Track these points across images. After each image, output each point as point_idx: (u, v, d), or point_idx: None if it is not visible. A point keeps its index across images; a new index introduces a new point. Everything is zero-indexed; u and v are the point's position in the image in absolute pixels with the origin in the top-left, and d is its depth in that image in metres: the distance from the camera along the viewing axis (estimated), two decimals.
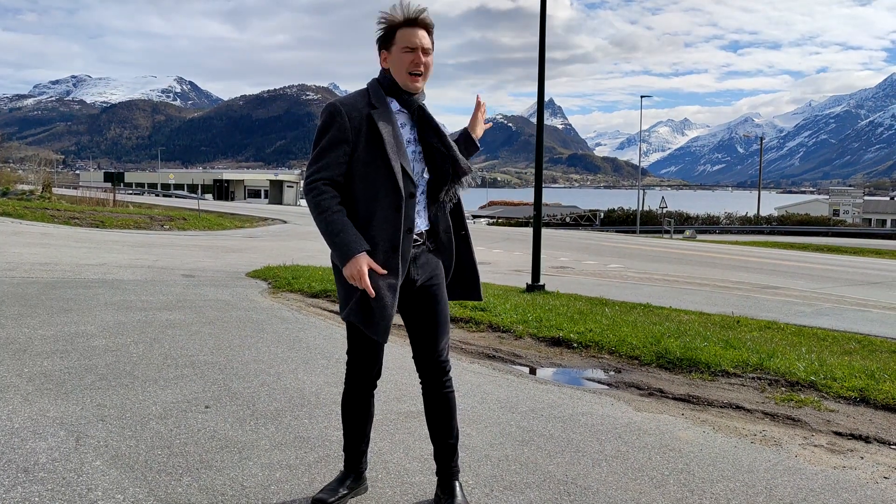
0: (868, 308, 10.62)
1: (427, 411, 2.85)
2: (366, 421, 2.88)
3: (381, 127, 2.59)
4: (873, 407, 4.42)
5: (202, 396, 4.18)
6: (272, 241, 20.88)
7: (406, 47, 2.60)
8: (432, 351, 2.80)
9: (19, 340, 5.36)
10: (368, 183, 2.61)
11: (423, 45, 2.62)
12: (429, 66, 2.67)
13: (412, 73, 2.62)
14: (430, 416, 2.85)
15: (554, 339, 6.15)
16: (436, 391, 2.82)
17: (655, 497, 3.04)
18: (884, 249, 30.20)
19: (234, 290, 8.59)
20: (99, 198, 36.74)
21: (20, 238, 15.47)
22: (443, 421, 2.83)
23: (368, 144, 2.59)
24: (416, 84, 2.65)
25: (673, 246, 27.26)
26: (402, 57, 2.61)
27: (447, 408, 2.83)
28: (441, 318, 2.79)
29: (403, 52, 2.61)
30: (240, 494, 2.89)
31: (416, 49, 2.60)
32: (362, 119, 2.59)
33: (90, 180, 79.16)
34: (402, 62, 2.61)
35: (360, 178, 2.61)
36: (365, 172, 2.60)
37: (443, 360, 2.82)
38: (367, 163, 2.60)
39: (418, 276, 2.74)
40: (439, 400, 2.82)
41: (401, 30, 2.62)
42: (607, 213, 52.25)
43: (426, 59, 2.64)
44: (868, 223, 60.92)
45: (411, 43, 2.60)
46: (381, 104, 2.65)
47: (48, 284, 8.30)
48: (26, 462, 3.11)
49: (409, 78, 2.63)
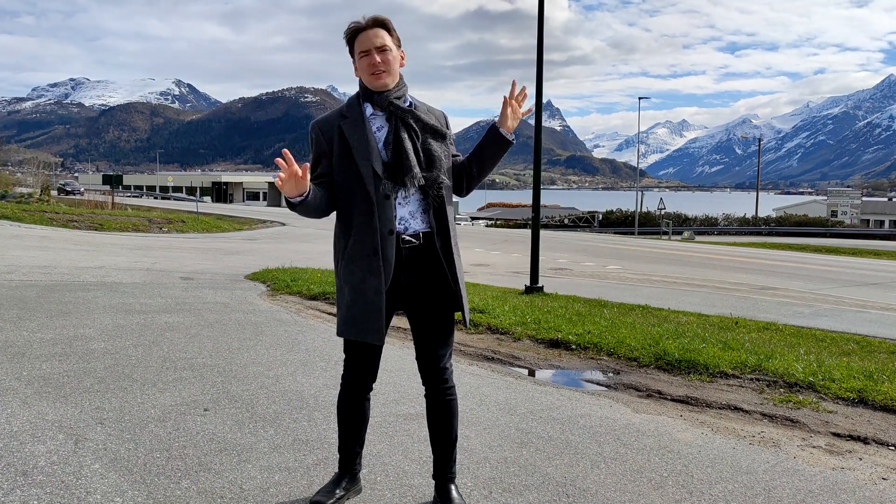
0: (866, 309, 10.63)
1: (428, 415, 2.88)
2: (360, 423, 2.89)
3: (349, 134, 2.69)
4: (872, 408, 4.43)
5: (201, 399, 4.17)
6: (271, 243, 20.88)
7: (361, 52, 2.70)
8: (431, 357, 2.81)
9: (18, 344, 5.36)
10: (346, 190, 2.70)
11: (375, 45, 2.68)
12: (389, 61, 2.69)
13: (373, 73, 2.68)
14: (430, 419, 2.88)
15: (552, 340, 6.15)
16: (436, 396, 2.85)
17: (654, 499, 3.04)
18: (882, 250, 30.24)
19: (232, 293, 8.59)
20: (97, 200, 36.70)
21: (19, 241, 15.46)
22: (441, 426, 2.85)
23: (341, 154, 2.70)
24: (379, 81, 2.69)
25: (671, 247, 27.28)
26: (361, 62, 2.71)
27: (447, 413, 2.85)
28: (439, 325, 2.79)
29: (360, 58, 2.71)
30: (239, 497, 2.89)
31: (369, 51, 2.67)
32: (333, 131, 2.71)
33: (89, 183, 79.13)
34: (362, 66, 2.71)
35: (339, 188, 2.72)
36: (342, 181, 2.71)
37: (441, 366, 2.83)
38: (340, 171, 2.71)
39: (412, 278, 2.72)
40: (439, 405, 2.85)
41: (357, 37, 2.71)
42: (605, 215, 52.29)
43: (384, 56, 2.68)
44: (866, 224, 60.99)
45: (363, 46, 2.69)
46: (353, 112, 2.74)
47: (47, 287, 8.29)
48: (25, 465, 3.11)
49: (372, 77, 2.69)
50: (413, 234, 2.71)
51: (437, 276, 2.75)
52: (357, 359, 2.81)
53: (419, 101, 2.82)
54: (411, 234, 2.71)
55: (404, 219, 2.71)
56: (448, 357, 2.85)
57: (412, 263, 2.72)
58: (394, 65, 2.71)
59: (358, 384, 2.84)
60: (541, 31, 11.09)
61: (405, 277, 2.71)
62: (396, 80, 2.74)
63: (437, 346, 2.81)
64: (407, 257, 2.70)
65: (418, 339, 2.82)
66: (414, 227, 2.72)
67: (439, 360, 2.82)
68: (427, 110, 2.81)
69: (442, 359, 2.82)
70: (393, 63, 2.70)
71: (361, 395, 2.86)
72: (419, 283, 2.74)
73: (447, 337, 2.82)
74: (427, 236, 2.73)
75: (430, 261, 2.74)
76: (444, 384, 2.84)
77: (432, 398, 2.85)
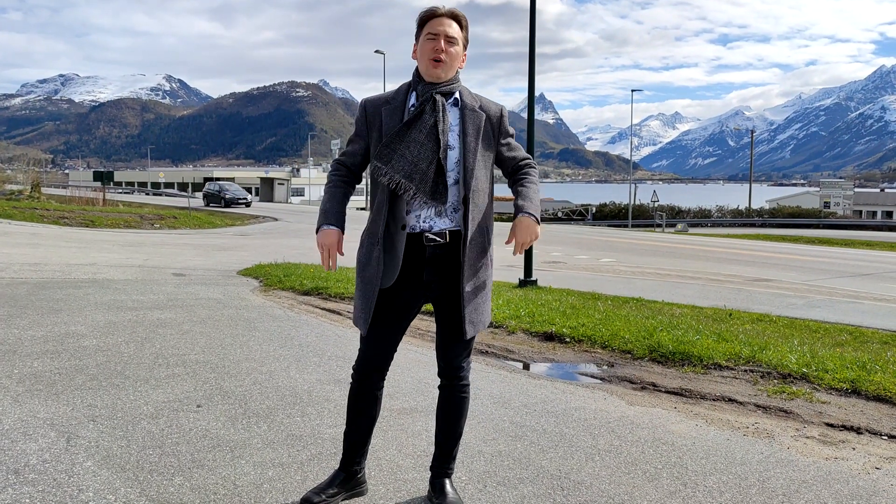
0: (859, 300, 10.67)
1: (438, 407, 2.86)
2: (363, 416, 2.80)
3: (386, 121, 2.67)
4: (865, 398, 4.44)
5: (194, 395, 4.15)
6: (263, 238, 20.82)
7: (429, 34, 2.65)
8: (448, 354, 2.79)
9: (9, 341, 5.32)
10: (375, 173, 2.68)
11: (447, 33, 2.63)
12: (453, 55, 2.65)
13: (433, 59, 2.63)
14: (439, 412, 2.86)
15: (547, 334, 6.15)
16: (450, 391, 2.84)
17: (649, 490, 3.04)
18: (874, 241, 30.39)
19: (225, 289, 8.56)
20: (88, 197, 36.52)
21: (9, 238, 15.37)
22: (449, 421, 2.83)
23: (378, 138, 2.68)
24: (435, 70, 2.64)
25: (665, 240, 27.33)
26: (425, 44, 2.66)
27: (457, 410, 2.83)
28: (456, 333, 2.73)
29: (427, 40, 2.65)
30: (232, 493, 2.88)
31: (438, 35, 2.63)
32: (377, 114, 2.69)
33: (79, 179, 78.54)
34: (424, 49, 2.66)
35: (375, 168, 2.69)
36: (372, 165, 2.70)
37: (458, 364, 2.80)
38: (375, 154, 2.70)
39: (435, 277, 2.67)
40: (451, 400, 2.83)
41: (430, 20, 2.67)
42: (599, 208, 52.36)
43: (450, 48, 2.64)
44: (859, 215, 61.21)
45: (434, 30, 2.64)
46: (397, 99, 2.70)
47: (38, 285, 8.24)
48: (17, 463, 3.08)
49: (430, 63, 2.64)
50: (438, 232, 2.65)
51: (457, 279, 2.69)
52: (365, 342, 2.77)
53: (472, 96, 2.73)
54: (436, 233, 2.65)
55: (429, 217, 2.65)
56: (466, 356, 2.81)
57: (436, 262, 2.66)
58: (454, 60, 2.67)
59: (365, 370, 2.77)
60: (533, 23, 11.06)
61: (427, 275, 2.67)
62: (451, 76, 2.68)
63: (455, 345, 2.77)
64: (431, 256, 2.65)
65: (439, 334, 2.80)
66: (440, 225, 2.65)
67: (455, 358, 2.79)
68: (478, 107, 2.72)
69: (458, 357, 2.80)
70: (455, 57, 2.66)
71: (368, 385, 2.78)
72: (442, 281, 2.69)
73: (462, 338, 2.76)
74: (454, 235, 2.66)
75: (455, 261, 2.68)
76: (460, 381, 2.83)
77: (445, 392, 2.84)
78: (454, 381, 2.82)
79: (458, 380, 2.82)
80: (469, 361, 2.85)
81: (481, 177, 2.68)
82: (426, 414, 3.92)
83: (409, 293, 2.68)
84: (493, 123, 2.74)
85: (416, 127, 2.62)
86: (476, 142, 2.67)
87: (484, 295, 2.75)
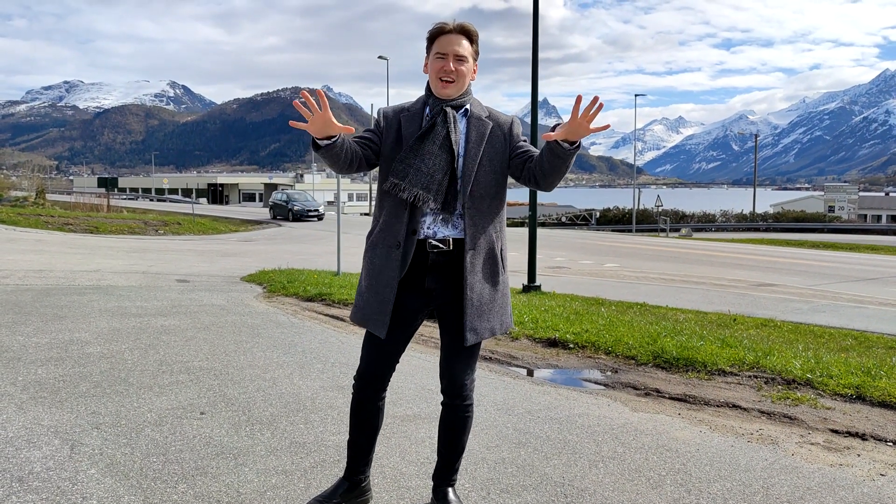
0: (864, 304, 10.64)
1: (440, 422, 2.82)
2: (366, 425, 2.78)
3: (405, 126, 2.69)
4: (869, 404, 4.42)
5: (197, 403, 4.16)
6: (267, 244, 20.85)
7: (438, 53, 2.65)
8: (449, 370, 2.75)
9: (13, 348, 5.34)
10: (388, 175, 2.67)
11: (455, 52, 2.63)
12: (463, 73, 2.65)
13: (441, 79, 2.64)
14: (441, 427, 2.82)
15: (550, 339, 6.14)
16: (451, 409, 2.79)
17: (652, 498, 3.03)
18: (879, 245, 30.29)
19: (228, 295, 8.57)
20: (93, 203, 36.62)
21: (14, 245, 15.42)
22: (451, 437, 2.80)
23: (394, 141, 2.69)
24: (445, 91, 2.65)
25: (669, 244, 27.29)
26: (434, 63, 2.66)
27: (460, 427, 2.80)
28: (458, 344, 2.69)
29: (436, 58, 2.65)
30: (235, 501, 2.88)
31: (447, 55, 2.63)
32: (393, 119, 2.72)
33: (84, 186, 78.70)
34: (434, 68, 2.66)
35: (387, 171, 2.67)
36: (387, 167, 2.68)
37: (460, 382, 2.75)
38: (390, 157, 2.69)
39: (437, 285, 2.66)
40: (453, 418, 2.79)
41: (439, 38, 2.66)
42: (603, 213, 52.29)
43: (459, 67, 2.63)
44: (863, 219, 61.07)
45: (442, 48, 2.64)
46: (414, 108, 2.74)
47: (42, 291, 8.27)
48: (21, 471, 3.09)
49: (438, 83, 2.65)
50: (441, 239, 2.64)
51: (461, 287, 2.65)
52: (367, 351, 2.75)
53: (481, 109, 2.74)
54: (439, 240, 2.63)
55: (434, 223, 2.64)
56: (468, 373, 2.76)
57: (438, 269, 2.65)
58: (464, 77, 2.67)
59: (366, 379, 2.75)
60: (536, 28, 11.08)
61: (429, 283, 2.65)
62: (462, 91, 2.68)
63: (457, 361, 2.72)
64: (433, 262, 2.64)
65: (443, 347, 2.77)
66: (444, 232, 2.64)
67: (458, 375, 2.74)
68: (485, 116, 2.71)
69: (461, 374, 2.74)
70: (465, 75, 2.66)
71: (369, 394, 2.75)
72: (445, 289, 2.66)
73: (469, 353, 2.73)
74: (458, 243, 2.64)
75: (457, 269, 2.65)
76: (462, 400, 2.77)
77: (448, 411, 2.79)
78: (457, 400, 2.77)
79: (462, 399, 2.77)
80: (473, 380, 2.80)
81: (485, 182, 2.67)
82: (430, 421, 3.91)
83: (412, 301, 2.67)
84: (504, 130, 2.73)
85: (429, 139, 2.63)
86: (478, 148, 2.66)
87: (491, 303, 2.71)
